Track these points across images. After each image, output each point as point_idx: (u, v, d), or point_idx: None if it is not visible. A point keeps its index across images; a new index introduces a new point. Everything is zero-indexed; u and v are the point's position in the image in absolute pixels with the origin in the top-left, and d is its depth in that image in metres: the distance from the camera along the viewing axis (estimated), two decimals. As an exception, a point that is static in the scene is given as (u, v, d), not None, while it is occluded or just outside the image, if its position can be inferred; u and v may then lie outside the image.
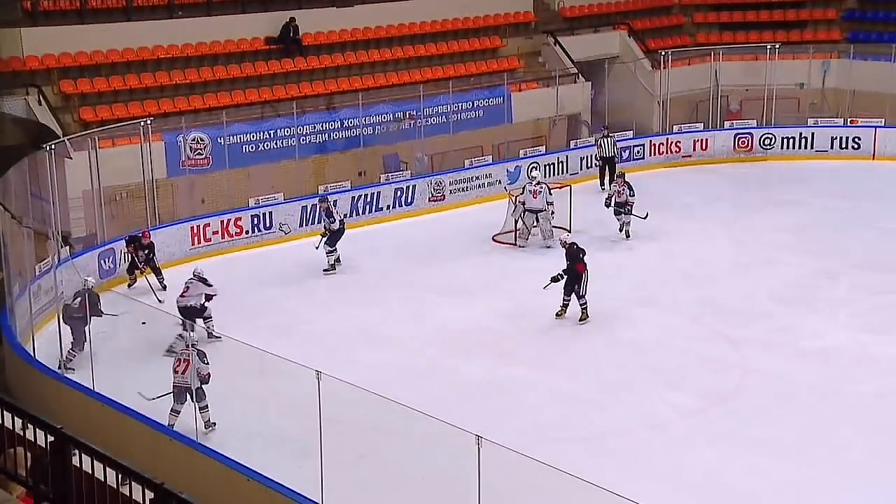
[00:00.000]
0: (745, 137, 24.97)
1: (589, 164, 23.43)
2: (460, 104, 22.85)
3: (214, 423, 11.62)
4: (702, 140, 24.86)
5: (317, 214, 18.60)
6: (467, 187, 21.78)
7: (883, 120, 24.66)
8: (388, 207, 20.71)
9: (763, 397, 12.67)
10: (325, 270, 17.23)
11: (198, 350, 11.67)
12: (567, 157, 23.25)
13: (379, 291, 16.63)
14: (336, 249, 17.47)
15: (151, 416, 11.35)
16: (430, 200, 21.33)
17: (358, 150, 21.38)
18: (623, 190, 18.89)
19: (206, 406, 11.59)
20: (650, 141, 24.61)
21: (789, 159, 24.75)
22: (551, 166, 23.01)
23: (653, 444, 11.61)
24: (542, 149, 23.30)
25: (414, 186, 21.08)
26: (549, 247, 18.07)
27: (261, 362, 11.40)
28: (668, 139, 24.77)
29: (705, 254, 18.22)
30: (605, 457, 11.28)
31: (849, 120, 25.09)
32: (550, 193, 18.30)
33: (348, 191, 20.18)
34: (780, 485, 10.69)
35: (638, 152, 24.32)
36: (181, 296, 14.18)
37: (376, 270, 17.71)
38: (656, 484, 10.62)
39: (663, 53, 25.56)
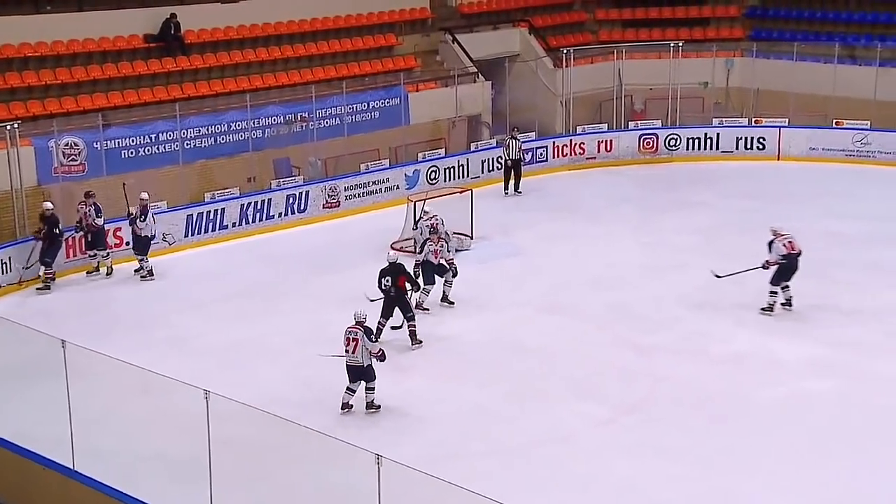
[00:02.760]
0: (651, 138, 25.46)
1: (491, 167, 23.61)
2: (355, 105, 22.76)
3: (378, 406, 12.46)
4: (606, 141, 25.27)
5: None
6: (363, 193, 21.70)
7: (787, 119, 25.46)
8: (281, 215, 20.49)
9: (674, 405, 12.83)
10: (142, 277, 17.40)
11: (365, 327, 12.39)
12: (468, 159, 23.39)
13: (274, 303, 16.42)
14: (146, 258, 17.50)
15: (22, 443, 10.89)
16: (324, 207, 21.16)
17: (246, 155, 21.07)
18: (440, 248, 16.05)
19: (374, 388, 12.45)
20: (553, 142, 24.92)
21: (695, 160, 25.33)
22: (451, 170, 23.07)
23: (563, 457, 11.64)
24: (442, 151, 23.40)
25: (307, 192, 20.90)
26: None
27: (145, 381, 11.07)
28: (571, 140, 25.10)
29: (613, 258, 18.48)
30: (515, 471, 11.27)
31: (753, 119, 25.83)
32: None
33: (237, 198, 19.88)
34: (696, 495, 10.83)
35: (541, 154, 24.58)
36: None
37: (269, 281, 17.48)
38: (569, 497, 10.65)
39: (565, 51, 25.92)
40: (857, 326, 15.01)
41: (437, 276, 16.00)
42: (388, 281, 14.35)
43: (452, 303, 16.17)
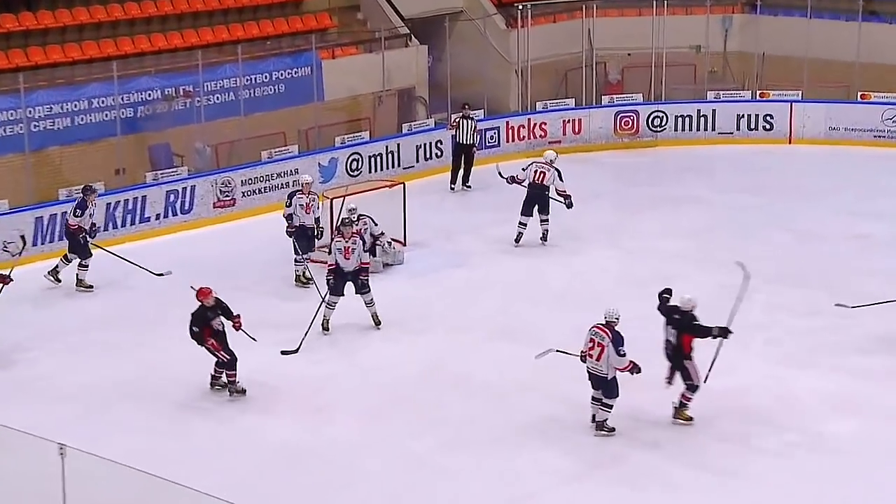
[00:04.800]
0: (629, 116, 25.70)
1: (428, 155, 23.76)
2: (253, 77, 22.72)
3: (612, 429, 13.17)
4: (574, 121, 25.48)
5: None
6: (266, 188, 21.72)
7: (800, 92, 25.84)
8: (159, 217, 20.44)
9: (661, 457, 12.94)
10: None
11: (615, 332, 12.99)
12: (398, 145, 23.47)
13: (149, 332, 16.34)
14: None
15: None
16: (215, 206, 21.13)
17: (113, 140, 20.91)
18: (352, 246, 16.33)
19: (611, 406, 13.15)
20: (507, 122, 25.11)
21: (685, 144, 25.62)
22: (377, 158, 23.12)
23: (521, 522, 11.72)
24: (365, 135, 23.43)
25: (193, 188, 20.84)
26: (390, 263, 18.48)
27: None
28: (529, 120, 25.29)
29: (583, 269, 18.63)
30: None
31: (758, 93, 26.21)
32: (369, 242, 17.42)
33: (103, 195, 19.67)
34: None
35: (492, 138, 24.74)
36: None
37: (144, 304, 17.38)
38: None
39: (521, 8, 26.02)
40: (887, 354, 15.30)
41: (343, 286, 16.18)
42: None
43: (379, 323, 16.24)
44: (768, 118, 25.86)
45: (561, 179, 19.67)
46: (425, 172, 23.46)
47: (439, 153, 23.94)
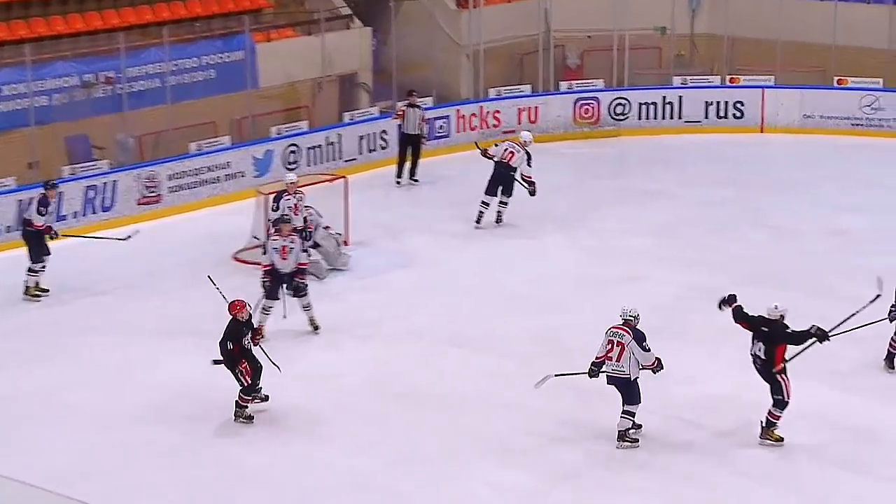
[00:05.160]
0: (590, 104, 25.75)
1: (372, 146, 23.74)
2: (181, 61, 22.57)
3: (636, 440, 13.22)
4: (529, 109, 25.53)
5: None
6: (195, 183, 21.60)
7: (773, 77, 25.99)
8: (76, 215, 20.27)
9: (624, 472, 12.89)
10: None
11: (636, 330, 13.10)
12: (340, 136, 23.41)
13: (67, 338, 16.16)
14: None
15: None
16: (139, 203, 21.00)
17: (26, 131, 20.70)
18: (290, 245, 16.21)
19: (634, 413, 13.18)
20: (458, 111, 25.10)
21: (650, 133, 25.70)
22: (317, 150, 23.04)
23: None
24: (304, 125, 23.38)
25: (115, 183, 20.70)
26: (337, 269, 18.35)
27: None
28: (482, 108, 25.32)
29: (540, 269, 18.59)
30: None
31: (728, 78, 26.31)
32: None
33: (13, 191, 19.52)
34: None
35: (441, 127, 24.74)
36: None
37: (58, 310, 17.20)
38: None
39: (472, -14, 26.10)
40: (862, 359, 15.31)
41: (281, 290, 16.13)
42: None
43: (318, 328, 16.18)
44: (739, 105, 25.99)
45: (529, 164, 20.08)
46: (369, 165, 23.41)
47: (384, 144, 23.89)
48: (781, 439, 13.13)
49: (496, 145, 20.69)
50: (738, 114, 26.02)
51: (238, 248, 18.92)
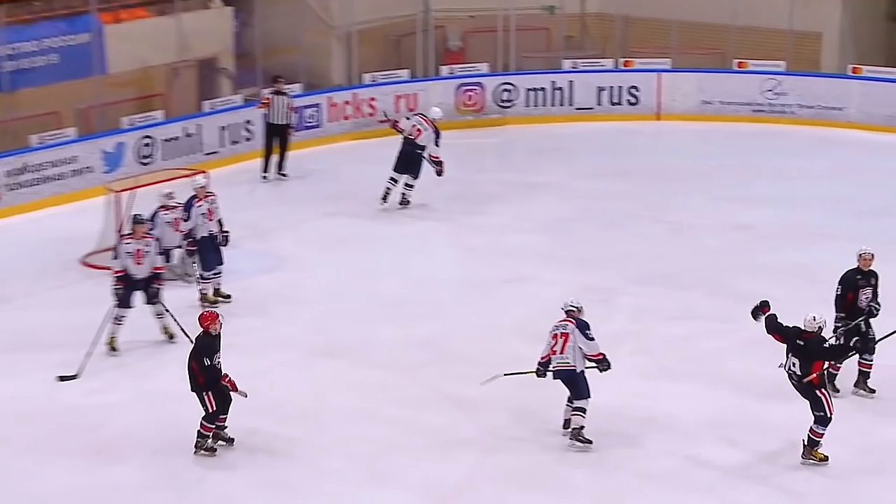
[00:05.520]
0: (473, 90, 25.77)
1: (235, 138, 23.61)
2: (19, 44, 22.20)
3: (589, 441, 13.30)
4: (408, 96, 25.51)
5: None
6: (37, 180, 21.29)
7: (669, 61, 26.22)
8: None
9: (515, 490, 12.84)
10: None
11: (579, 320, 13.45)
12: (199, 126, 23.23)
13: None
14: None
15: None
16: (-27, 203, 20.64)
17: None
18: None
19: (584, 409, 13.37)
20: (329, 98, 25.05)
21: (538, 121, 25.81)
22: (174, 142, 22.85)
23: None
24: (159, 115, 23.14)
25: (-57, 181, 20.35)
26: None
27: None
28: (355, 95, 25.28)
29: (420, 271, 18.54)
30: None
31: (621, 61, 26.49)
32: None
33: None
34: None
35: (311, 117, 24.66)
36: None
37: None
38: None
39: (343, -39, 25.99)
40: (769, 362, 15.40)
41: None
42: None
43: (172, 337, 16.04)
44: (633, 91, 26.22)
45: (437, 143, 20.64)
46: (232, 159, 23.24)
47: (248, 136, 23.69)
48: (826, 458, 13.01)
49: (407, 118, 21.27)
50: (633, 100, 26.25)
51: (86, 252, 18.60)
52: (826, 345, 12.99)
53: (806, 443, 13.05)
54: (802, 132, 25.35)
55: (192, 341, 13.60)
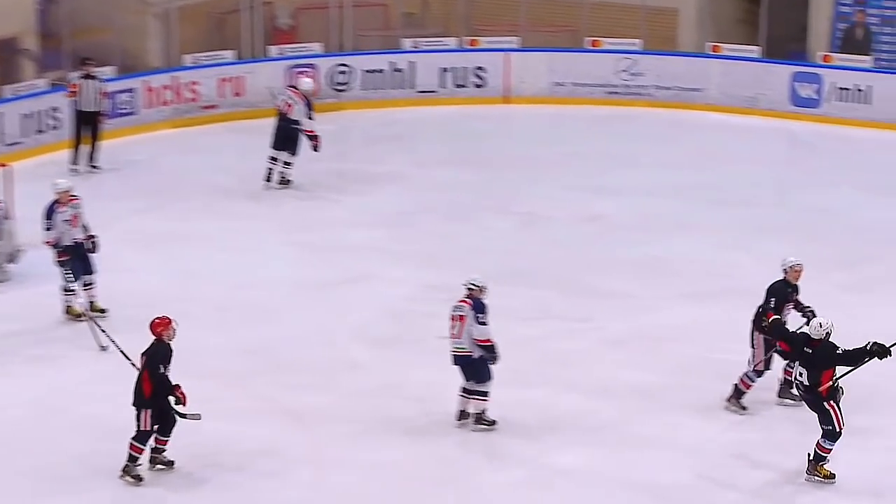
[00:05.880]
0: (306, 72, 25.52)
1: (39, 127, 23.27)
2: None
3: (493, 422, 13.82)
4: (234, 79, 25.36)
5: None
6: None
7: (518, 39, 26.34)
8: None
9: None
10: None
11: (475, 300, 13.60)
12: (0, 114, 22.79)
13: None
14: None
15: None
16: None
17: None
18: None
19: (487, 392, 13.77)
20: (145, 82, 24.80)
21: (377, 106, 25.79)
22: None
23: None
24: (-51, 101, 22.76)
25: None
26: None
27: None
28: (175, 79, 25.03)
29: (249, 271, 18.37)
30: None
31: (466, 40, 26.55)
32: None
33: None
34: None
35: (126, 103, 24.37)
36: None
37: None
38: None
39: (158, -69, 25.72)
40: (626, 361, 15.66)
41: None
42: None
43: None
44: (479, 72, 26.31)
45: (310, 117, 21.11)
46: (37, 150, 22.82)
47: (55, 124, 23.27)
48: (833, 476, 12.97)
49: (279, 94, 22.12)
50: (479, 82, 26.36)
51: None
52: (839, 351, 12.75)
53: (811, 458, 12.98)
54: (660, 115, 25.74)
55: (128, 359, 13.54)
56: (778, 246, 18.29)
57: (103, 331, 15.58)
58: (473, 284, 13.70)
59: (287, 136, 21.32)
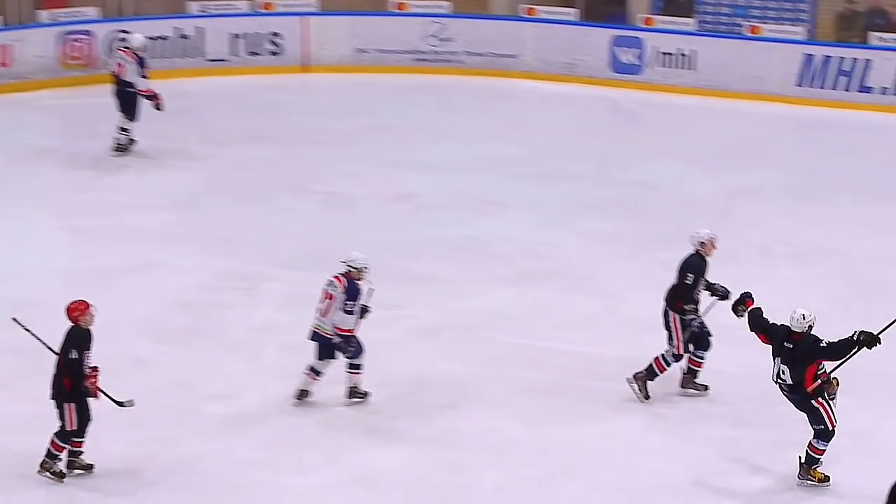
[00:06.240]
0: (81, 40, 25.31)
1: None
2: None
3: (365, 394, 14.02)
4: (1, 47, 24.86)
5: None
6: None
7: (317, 2, 26.34)
8: None
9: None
10: None
11: (350, 280, 13.75)
12: None
13: None
14: None
15: None
16: None
17: None
18: None
19: (360, 365, 13.95)
20: None
21: (161, 76, 25.22)
22: None
23: None
24: None
25: None
26: None
27: None
28: None
29: (17, 261, 17.96)
30: None
31: (260, 3, 26.43)
32: None
33: None
34: None
35: None
36: None
37: None
38: None
39: None
40: (448, 356, 15.62)
41: None
42: None
43: None
44: (275, 38, 26.20)
45: (143, 75, 21.15)
46: None
47: None
48: (827, 479, 12.81)
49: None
50: (275, 49, 26.26)
51: None
52: (823, 344, 12.39)
53: (803, 460, 12.76)
54: (472, 84, 25.94)
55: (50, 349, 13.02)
56: (600, 224, 18.66)
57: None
58: (352, 265, 13.75)
59: (123, 100, 21.29)
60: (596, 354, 15.01)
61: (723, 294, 13.94)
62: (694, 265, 14.00)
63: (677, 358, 14.11)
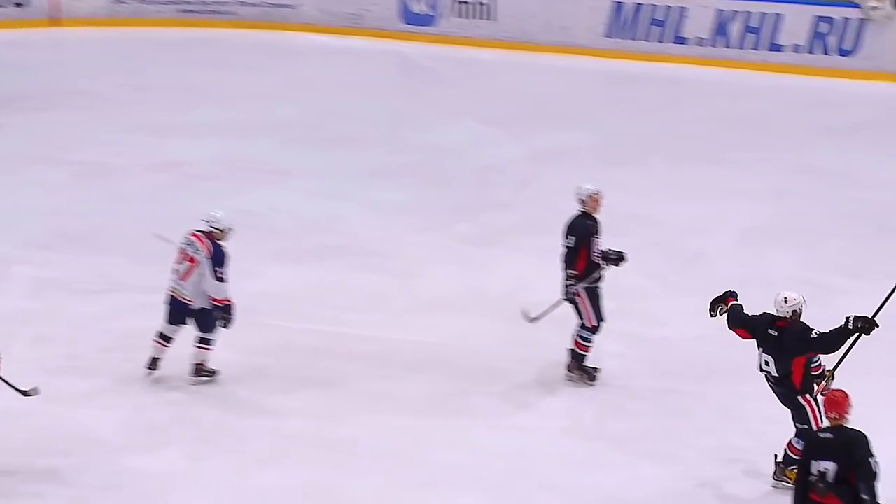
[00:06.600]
0: None
1: None
2: None
3: (212, 373, 13.84)
4: None
5: None
6: None
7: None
8: None
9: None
10: None
11: (215, 245, 13.50)
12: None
13: None
14: None
15: None
16: None
17: None
18: None
19: (210, 341, 13.86)
20: None
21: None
22: None
23: None
24: None
25: None
26: None
27: None
28: None
29: None
30: None
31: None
32: None
33: None
34: None
35: None
36: None
37: None
38: None
39: None
40: (224, 345, 15.14)
41: None
42: None
43: None
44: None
45: None
46: None
47: None
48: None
49: None
50: (19, 0, 25.76)
51: None
52: (814, 334, 11.96)
53: (780, 460, 12.46)
54: (245, 38, 26.06)
55: None
56: (391, 193, 18.60)
57: None
58: (215, 225, 13.62)
59: None
60: (389, 339, 14.91)
61: (616, 258, 13.84)
62: (577, 226, 13.87)
63: (594, 330, 13.89)
